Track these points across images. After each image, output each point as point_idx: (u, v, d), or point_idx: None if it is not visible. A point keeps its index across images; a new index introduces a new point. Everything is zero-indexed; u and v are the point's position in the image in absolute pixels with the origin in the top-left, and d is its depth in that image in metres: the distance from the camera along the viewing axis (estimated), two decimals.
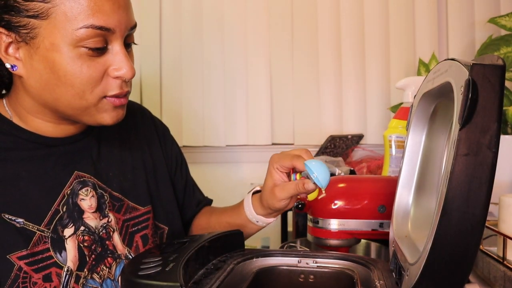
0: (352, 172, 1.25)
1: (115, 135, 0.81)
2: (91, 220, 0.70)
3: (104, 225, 0.72)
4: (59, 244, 0.66)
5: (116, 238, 0.73)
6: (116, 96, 0.65)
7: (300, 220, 1.12)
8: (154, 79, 1.67)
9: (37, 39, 0.60)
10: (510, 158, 0.85)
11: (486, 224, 0.65)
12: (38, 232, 0.65)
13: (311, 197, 0.75)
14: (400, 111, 1.10)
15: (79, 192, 0.70)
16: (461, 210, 0.41)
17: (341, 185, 0.85)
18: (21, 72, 0.63)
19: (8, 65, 0.62)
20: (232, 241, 0.72)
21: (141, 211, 0.78)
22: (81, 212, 0.70)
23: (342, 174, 1.20)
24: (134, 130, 0.85)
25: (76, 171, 0.71)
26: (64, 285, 0.65)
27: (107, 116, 0.67)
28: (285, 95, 1.68)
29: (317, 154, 1.55)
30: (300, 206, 0.85)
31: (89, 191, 0.71)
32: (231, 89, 1.67)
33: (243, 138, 1.68)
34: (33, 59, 0.62)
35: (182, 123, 1.67)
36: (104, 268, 0.70)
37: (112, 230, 0.73)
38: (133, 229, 0.76)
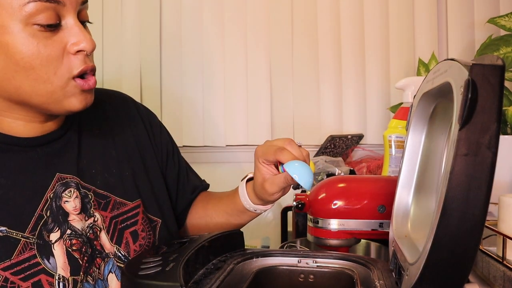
0: (352, 172, 1.25)
1: (96, 129, 0.76)
2: (77, 222, 0.67)
3: (91, 225, 0.69)
4: (46, 250, 0.63)
5: (104, 237, 0.70)
6: (83, 73, 0.62)
7: (300, 220, 1.12)
8: (154, 79, 1.67)
9: None
10: (510, 158, 0.85)
11: (486, 224, 0.65)
12: (22, 239, 0.61)
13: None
14: (400, 111, 1.10)
15: (62, 194, 0.67)
16: (461, 210, 0.40)
17: (341, 185, 0.85)
18: None
19: None
20: (232, 241, 0.72)
21: (129, 206, 0.74)
22: (66, 214, 0.66)
23: (342, 174, 1.20)
24: (116, 121, 0.80)
25: (57, 173, 0.68)
26: None
27: (75, 101, 0.63)
28: (285, 95, 1.68)
29: (317, 154, 1.55)
30: (300, 206, 0.85)
31: (72, 192, 0.68)
32: (231, 89, 1.67)
33: (243, 138, 1.68)
34: None
35: (182, 123, 1.67)
36: (95, 269, 0.67)
37: (99, 229, 0.69)
38: (122, 225, 0.72)
